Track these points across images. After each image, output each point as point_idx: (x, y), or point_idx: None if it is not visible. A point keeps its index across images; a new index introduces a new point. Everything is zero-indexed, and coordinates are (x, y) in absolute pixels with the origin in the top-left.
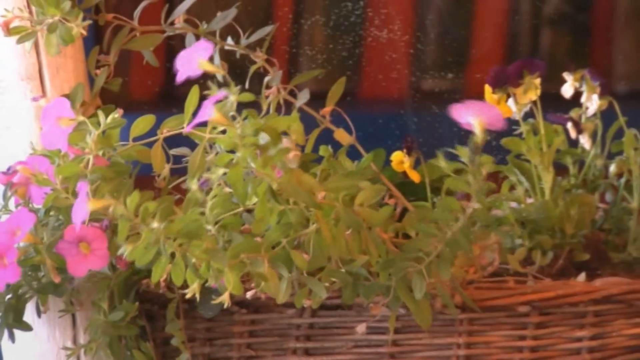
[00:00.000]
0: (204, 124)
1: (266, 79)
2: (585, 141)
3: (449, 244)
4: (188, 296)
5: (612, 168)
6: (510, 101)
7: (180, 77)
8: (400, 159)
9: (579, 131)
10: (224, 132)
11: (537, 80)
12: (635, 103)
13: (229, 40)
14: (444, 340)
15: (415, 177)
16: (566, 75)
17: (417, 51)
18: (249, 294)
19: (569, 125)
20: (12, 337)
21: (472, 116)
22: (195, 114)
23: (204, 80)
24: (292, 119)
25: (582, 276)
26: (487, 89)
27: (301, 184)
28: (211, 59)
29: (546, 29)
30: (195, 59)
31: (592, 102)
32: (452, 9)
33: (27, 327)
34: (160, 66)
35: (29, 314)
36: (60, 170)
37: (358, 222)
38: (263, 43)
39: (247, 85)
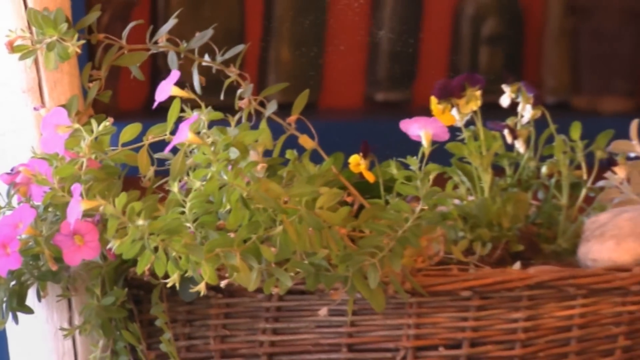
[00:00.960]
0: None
1: (239, 91)
2: (520, 146)
3: (399, 241)
4: (169, 285)
5: (544, 169)
6: (454, 111)
7: (156, 103)
8: (357, 162)
9: (515, 137)
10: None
11: (478, 93)
12: (563, 112)
13: (206, 57)
14: (396, 321)
15: (370, 177)
16: (504, 87)
17: (371, 67)
18: (223, 284)
19: (506, 131)
20: (15, 319)
21: (419, 129)
22: (177, 123)
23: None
24: (259, 132)
25: (517, 265)
26: (433, 100)
27: (268, 191)
28: (184, 80)
29: (485, 47)
30: (169, 87)
31: (527, 112)
32: (402, 30)
33: (29, 311)
34: (146, 80)
35: (31, 299)
36: (58, 171)
37: (319, 222)
38: (236, 60)
39: (222, 97)
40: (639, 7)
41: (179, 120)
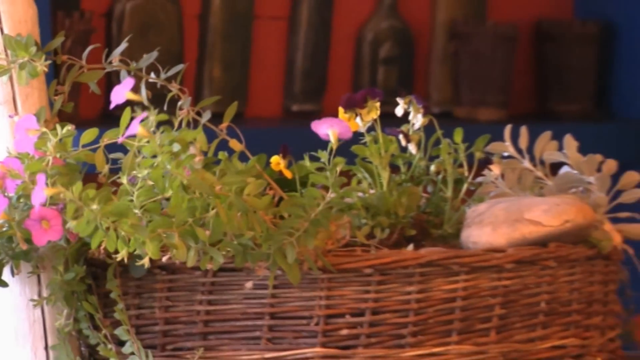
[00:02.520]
0: (133, 136)
1: (179, 103)
2: (412, 148)
3: (312, 222)
4: (118, 259)
5: (432, 167)
6: (358, 119)
7: (113, 105)
8: (277, 161)
9: (408, 141)
10: (147, 142)
11: (377, 104)
12: (447, 120)
13: (152, 75)
14: (310, 293)
15: (288, 174)
16: (399, 100)
17: (288, 83)
18: (164, 259)
19: (401, 136)
20: None
21: (327, 129)
22: (127, 128)
23: (133, 104)
24: (197, 132)
25: (410, 247)
26: (340, 110)
27: (204, 180)
28: (134, 90)
29: (382, 67)
30: (123, 92)
31: (417, 120)
32: (314, 52)
33: (4, 284)
34: (102, 94)
35: (6, 274)
36: (28, 167)
37: (246, 207)
38: (177, 77)
39: (165, 107)
40: (508, 32)
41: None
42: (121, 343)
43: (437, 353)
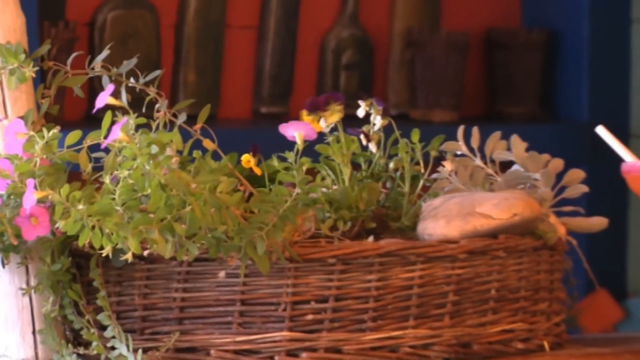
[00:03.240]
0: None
1: (157, 105)
2: (372, 147)
3: (280, 218)
4: (103, 255)
5: (391, 165)
6: (322, 121)
7: (96, 108)
8: (247, 160)
9: (368, 140)
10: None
11: (339, 107)
12: (404, 122)
13: (132, 80)
14: (278, 281)
15: (257, 171)
16: (360, 102)
17: (257, 87)
18: (145, 253)
19: (362, 136)
20: None
21: (294, 131)
22: (109, 130)
23: (115, 108)
24: (172, 135)
25: (371, 238)
26: (304, 112)
27: (180, 179)
28: (115, 95)
29: (344, 72)
30: (106, 97)
31: (377, 121)
32: (281, 58)
33: None
34: (85, 97)
35: None
36: (17, 168)
37: (218, 204)
38: (154, 82)
39: (143, 110)
40: (460, 40)
41: (111, 127)
42: (103, 327)
43: (395, 337)
